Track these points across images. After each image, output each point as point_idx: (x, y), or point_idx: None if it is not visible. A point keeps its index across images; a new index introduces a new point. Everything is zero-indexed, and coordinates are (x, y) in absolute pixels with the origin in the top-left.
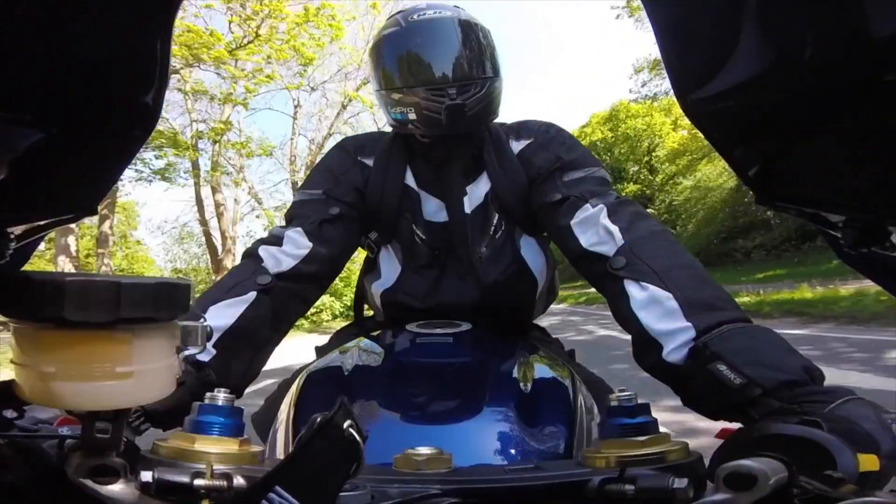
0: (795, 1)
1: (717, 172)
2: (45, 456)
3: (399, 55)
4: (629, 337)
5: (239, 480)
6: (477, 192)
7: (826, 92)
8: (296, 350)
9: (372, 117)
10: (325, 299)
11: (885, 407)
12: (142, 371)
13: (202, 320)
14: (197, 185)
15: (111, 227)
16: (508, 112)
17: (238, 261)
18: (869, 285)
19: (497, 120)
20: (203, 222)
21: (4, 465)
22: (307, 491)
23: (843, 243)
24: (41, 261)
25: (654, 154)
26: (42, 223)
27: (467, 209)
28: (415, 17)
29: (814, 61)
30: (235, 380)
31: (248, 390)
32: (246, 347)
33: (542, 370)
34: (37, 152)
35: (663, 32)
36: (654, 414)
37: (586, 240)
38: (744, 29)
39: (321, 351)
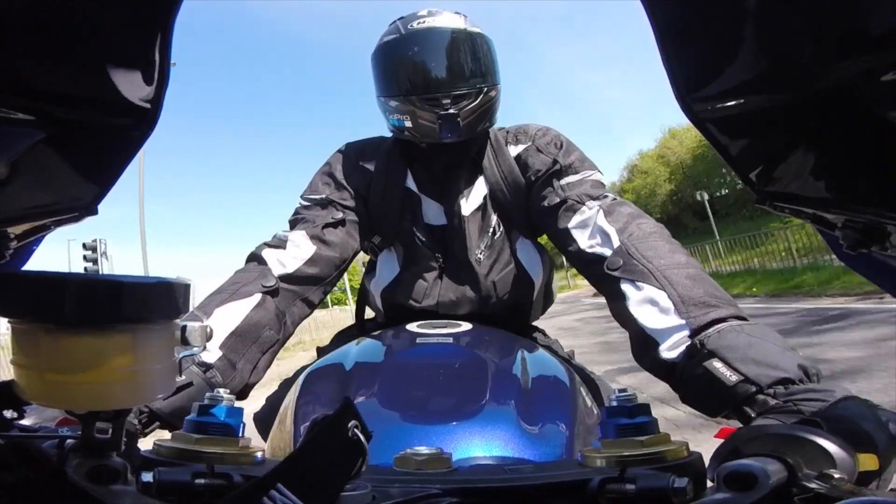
0: (795, 2)
1: None
2: (45, 456)
3: (395, 63)
4: None
5: (239, 480)
6: (475, 195)
7: (826, 92)
8: None
9: None
10: None
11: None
12: (142, 371)
13: (202, 320)
14: None
15: None
16: None
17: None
18: None
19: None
20: None
21: (4, 465)
22: (309, 490)
23: (843, 244)
24: None
25: None
26: (42, 223)
27: (465, 212)
28: (413, 24)
29: (813, 62)
30: (241, 381)
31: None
32: (251, 348)
33: (541, 370)
34: (37, 152)
35: (663, 33)
36: None
37: (584, 242)
38: (744, 30)
39: (322, 351)
